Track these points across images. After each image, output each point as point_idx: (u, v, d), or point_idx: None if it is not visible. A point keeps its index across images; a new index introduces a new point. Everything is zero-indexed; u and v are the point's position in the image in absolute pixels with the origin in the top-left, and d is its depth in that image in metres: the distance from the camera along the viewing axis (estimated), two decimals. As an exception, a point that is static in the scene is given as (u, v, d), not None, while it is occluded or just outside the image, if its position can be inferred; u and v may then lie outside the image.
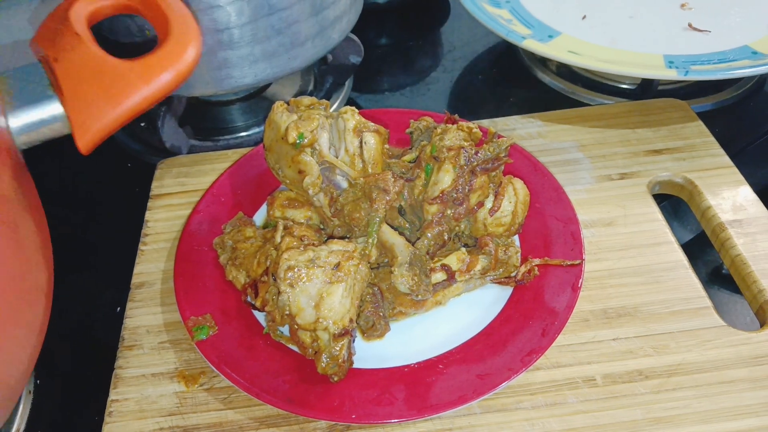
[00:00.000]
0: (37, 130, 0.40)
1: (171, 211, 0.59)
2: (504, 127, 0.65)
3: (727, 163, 0.59)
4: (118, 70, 0.38)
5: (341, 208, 0.49)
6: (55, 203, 0.66)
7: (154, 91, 0.39)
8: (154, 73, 0.38)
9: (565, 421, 0.43)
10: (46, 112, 0.39)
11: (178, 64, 0.39)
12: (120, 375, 0.47)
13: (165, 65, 0.39)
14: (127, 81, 0.38)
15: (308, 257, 0.44)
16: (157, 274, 0.54)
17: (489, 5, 0.74)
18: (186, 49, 0.39)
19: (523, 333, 0.46)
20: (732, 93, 0.71)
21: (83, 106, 0.38)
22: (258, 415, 0.45)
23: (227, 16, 0.56)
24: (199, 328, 0.47)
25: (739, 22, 0.71)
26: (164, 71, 0.39)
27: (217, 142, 0.70)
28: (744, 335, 0.47)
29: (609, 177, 0.59)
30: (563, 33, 0.70)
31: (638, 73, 0.63)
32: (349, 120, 0.48)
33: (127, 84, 0.38)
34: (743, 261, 0.51)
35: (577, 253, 0.51)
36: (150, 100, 0.39)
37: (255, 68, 0.61)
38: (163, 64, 0.39)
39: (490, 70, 0.80)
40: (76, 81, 0.38)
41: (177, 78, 0.39)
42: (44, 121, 0.40)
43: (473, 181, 0.48)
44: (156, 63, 0.39)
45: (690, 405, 0.43)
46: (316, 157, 0.48)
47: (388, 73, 0.82)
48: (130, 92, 0.38)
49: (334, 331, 0.42)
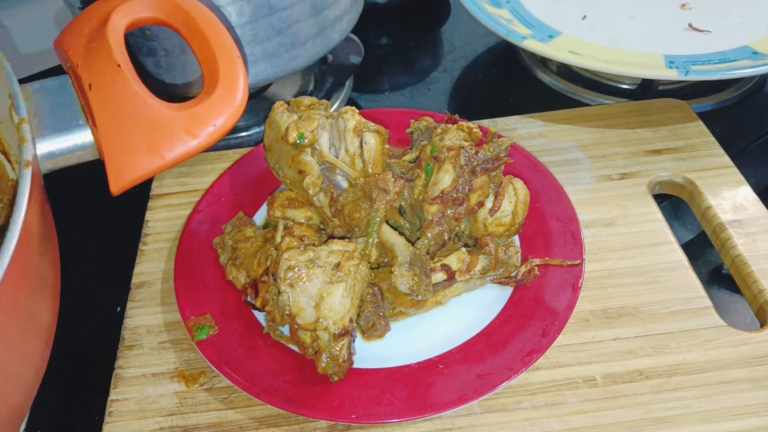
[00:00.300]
0: (64, 157, 0.38)
1: (171, 211, 0.59)
2: (504, 127, 0.65)
3: (728, 163, 0.59)
4: (163, 118, 0.36)
5: (341, 208, 0.49)
6: (54, 203, 0.66)
7: (199, 144, 0.36)
8: (202, 126, 0.36)
9: (565, 421, 0.43)
10: (77, 140, 0.37)
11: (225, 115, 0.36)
12: (120, 375, 0.47)
13: (213, 117, 0.36)
14: (172, 132, 0.36)
15: (308, 257, 0.44)
16: (158, 274, 0.54)
17: (489, 5, 0.74)
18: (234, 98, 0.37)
19: (523, 333, 0.46)
20: (732, 93, 0.71)
21: (121, 150, 0.36)
22: (258, 414, 0.45)
23: (228, 16, 0.56)
24: (199, 328, 0.47)
25: (739, 22, 0.71)
26: (211, 124, 0.36)
27: (217, 142, 0.70)
28: (744, 335, 0.47)
29: (609, 177, 0.59)
30: (563, 33, 0.70)
31: (638, 73, 0.63)
32: (350, 120, 0.48)
33: (172, 136, 0.36)
34: (743, 261, 0.51)
35: (578, 253, 0.51)
36: (193, 154, 0.36)
37: (255, 68, 0.61)
38: (210, 116, 0.36)
39: (491, 70, 0.80)
40: (114, 120, 0.35)
41: (223, 130, 0.37)
42: (72, 150, 0.37)
43: (473, 181, 0.48)
44: (204, 114, 0.36)
45: (690, 405, 0.43)
46: (316, 157, 0.48)
47: (389, 73, 0.82)
48: (174, 145, 0.36)
49: (334, 331, 0.42)
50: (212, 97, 0.37)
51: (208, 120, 0.36)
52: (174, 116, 0.36)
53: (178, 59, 0.58)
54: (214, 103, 0.36)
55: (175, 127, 0.36)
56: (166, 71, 0.60)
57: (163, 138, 0.36)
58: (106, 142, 0.36)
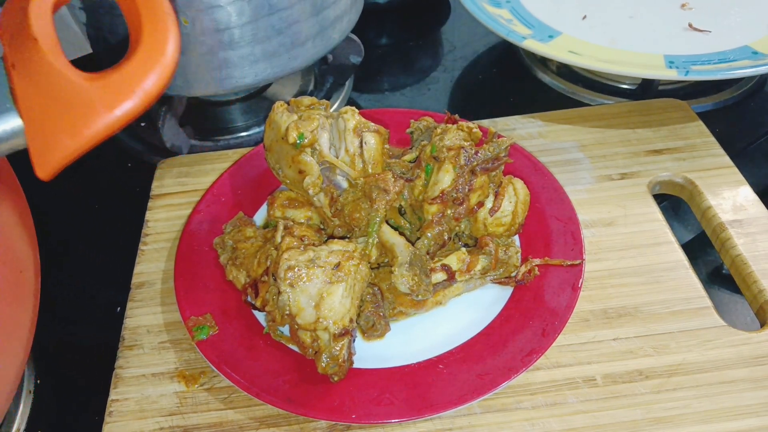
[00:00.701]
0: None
1: (171, 211, 0.59)
2: (504, 127, 0.65)
3: (728, 163, 0.59)
4: (79, 92, 0.32)
5: (341, 208, 0.49)
6: (55, 203, 0.66)
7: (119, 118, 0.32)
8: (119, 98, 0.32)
9: (565, 421, 0.43)
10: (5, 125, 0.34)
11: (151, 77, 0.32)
12: (120, 375, 0.47)
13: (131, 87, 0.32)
14: (88, 107, 0.32)
15: (308, 257, 0.44)
16: (158, 274, 0.54)
17: (489, 5, 0.74)
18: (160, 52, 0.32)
19: (524, 333, 0.46)
20: (732, 93, 0.71)
21: (40, 129, 0.33)
22: (258, 414, 0.45)
23: (228, 16, 0.56)
24: (199, 328, 0.47)
25: (739, 22, 0.71)
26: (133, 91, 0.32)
27: (217, 142, 0.70)
28: (744, 335, 0.47)
29: (609, 177, 0.59)
30: (563, 33, 0.70)
31: (638, 73, 0.63)
32: (350, 120, 0.48)
33: (87, 111, 0.32)
34: (743, 261, 0.51)
35: (578, 253, 0.51)
36: (117, 126, 0.33)
37: (255, 68, 0.61)
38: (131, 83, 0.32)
39: (491, 70, 0.80)
40: (33, 97, 0.33)
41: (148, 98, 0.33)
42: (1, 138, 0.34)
43: (473, 181, 0.48)
44: (121, 84, 0.32)
45: (690, 405, 0.43)
46: (316, 157, 0.48)
47: (389, 73, 0.82)
48: (91, 121, 0.32)
49: (335, 331, 0.42)
50: (132, 61, 0.32)
51: (129, 88, 0.32)
52: (90, 88, 0.32)
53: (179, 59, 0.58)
54: (135, 67, 0.32)
55: (91, 101, 0.32)
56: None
57: (79, 114, 0.32)
58: (28, 123, 0.33)
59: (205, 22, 0.56)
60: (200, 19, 0.56)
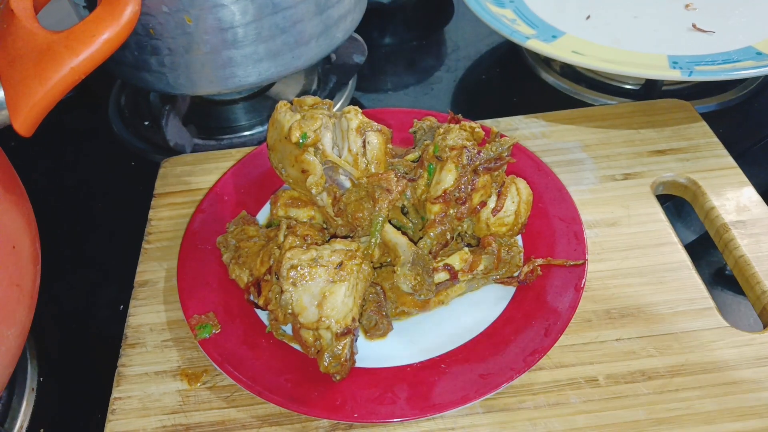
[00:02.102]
0: None
1: (174, 209, 0.59)
2: (507, 127, 0.65)
3: (731, 164, 0.59)
4: (45, 43, 0.36)
5: (344, 207, 0.49)
6: (58, 202, 0.66)
7: (83, 60, 0.36)
8: (84, 43, 0.36)
9: (568, 421, 0.43)
10: None
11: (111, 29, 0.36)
12: (123, 373, 0.48)
13: (96, 33, 0.36)
14: (55, 54, 0.36)
15: (311, 256, 0.44)
16: (161, 272, 0.54)
17: (493, 5, 0.74)
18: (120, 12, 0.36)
19: (526, 333, 0.46)
20: (736, 94, 0.71)
21: (16, 87, 0.36)
22: (260, 413, 0.45)
23: (231, 15, 0.56)
24: (202, 327, 0.47)
25: (743, 23, 0.70)
26: (95, 39, 0.36)
27: (220, 141, 0.70)
28: (747, 336, 0.47)
29: (613, 177, 0.59)
30: (567, 33, 0.70)
31: (642, 73, 0.63)
32: (353, 120, 0.48)
33: (54, 58, 0.36)
34: (747, 262, 0.51)
35: (580, 253, 0.51)
36: (82, 71, 0.36)
37: (259, 67, 0.61)
38: (93, 32, 0.36)
39: (494, 69, 0.80)
40: (11, 62, 0.36)
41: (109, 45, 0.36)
42: None
43: (476, 180, 0.48)
44: (86, 31, 0.36)
45: (693, 406, 0.43)
46: (319, 157, 0.48)
47: (392, 73, 0.82)
48: (58, 66, 0.36)
49: (337, 330, 0.42)
50: (94, 13, 0.36)
51: (91, 37, 0.36)
52: (56, 39, 0.36)
53: (182, 58, 0.58)
54: (96, 19, 0.36)
55: (57, 50, 0.36)
56: (170, 70, 0.60)
57: (47, 62, 0.36)
58: (5, 84, 0.36)
59: (209, 21, 0.56)
60: (204, 18, 0.56)
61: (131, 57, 0.60)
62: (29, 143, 0.41)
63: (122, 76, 0.64)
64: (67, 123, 0.75)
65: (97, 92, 0.79)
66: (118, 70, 0.63)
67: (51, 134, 0.73)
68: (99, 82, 0.76)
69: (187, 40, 0.57)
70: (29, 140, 0.40)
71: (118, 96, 0.78)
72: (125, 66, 0.61)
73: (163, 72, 0.60)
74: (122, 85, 0.79)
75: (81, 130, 0.76)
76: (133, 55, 0.60)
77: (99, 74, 0.49)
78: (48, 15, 0.81)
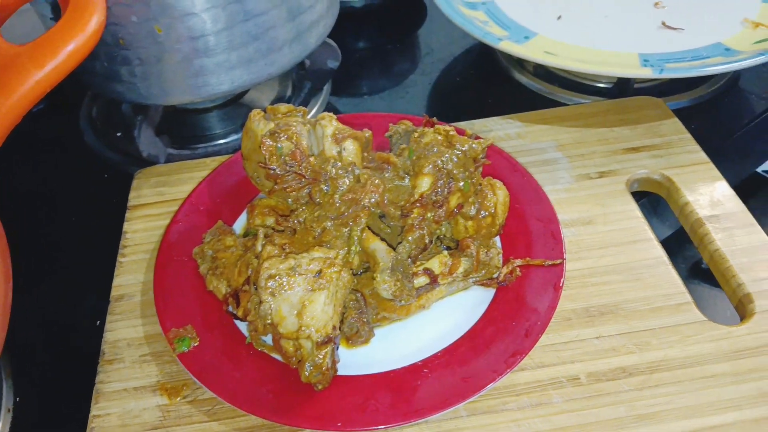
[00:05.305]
0: None
1: (149, 221, 0.58)
2: (482, 129, 0.65)
3: (704, 159, 0.60)
4: (8, 56, 0.35)
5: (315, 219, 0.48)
6: (31, 215, 0.65)
7: (49, 73, 0.36)
8: (49, 56, 0.35)
9: (551, 421, 0.43)
10: None
11: (76, 40, 0.36)
12: (101, 390, 0.47)
13: (60, 45, 0.36)
14: (20, 67, 0.35)
15: (289, 265, 0.43)
16: (137, 286, 0.53)
17: (465, 7, 0.74)
18: (85, 22, 0.36)
19: (507, 334, 0.46)
20: (707, 90, 0.72)
21: None
22: (243, 425, 0.44)
23: (202, 23, 0.56)
24: (180, 340, 0.47)
25: (711, 20, 0.71)
26: (60, 51, 0.35)
27: (195, 150, 0.69)
28: (725, 329, 0.47)
29: (588, 176, 0.59)
30: (539, 34, 0.71)
31: (614, 72, 0.64)
32: (327, 126, 0.48)
33: (19, 71, 0.35)
34: (722, 256, 0.52)
35: (558, 252, 0.51)
36: (47, 84, 0.36)
37: (232, 75, 0.60)
38: (58, 44, 0.36)
39: (468, 72, 0.81)
40: None
41: (75, 56, 0.36)
42: None
43: (452, 183, 0.48)
44: (50, 43, 0.36)
45: (673, 401, 0.44)
46: (294, 164, 0.47)
47: (367, 77, 0.82)
48: (23, 79, 0.35)
49: (317, 339, 0.42)
50: (58, 24, 0.36)
51: (55, 49, 0.36)
52: (21, 52, 0.36)
53: (154, 68, 0.58)
54: (61, 30, 0.36)
55: (22, 62, 0.35)
56: (141, 80, 0.59)
57: (12, 74, 0.35)
58: None
59: (180, 30, 0.56)
60: (174, 27, 0.55)
61: (101, 68, 0.59)
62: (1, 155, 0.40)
63: (93, 87, 0.63)
64: (39, 134, 0.74)
65: (68, 102, 0.78)
66: (89, 81, 0.62)
67: (21, 145, 0.71)
68: (70, 92, 0.75)
69: (158, 50, 0.57)
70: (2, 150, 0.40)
71: (90, 106, 0.77)
72: (96, 76, 0.60)
73: (135, 82, 0.59)
74: (94, 95, 0.78)
75: (52, 141, 0.74)
76: (103, 65, 0.59)
77: (70, 84, 0.48)
78: (15, 28, 0.80)
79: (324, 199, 0.48)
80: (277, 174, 0.47)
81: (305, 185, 0.48)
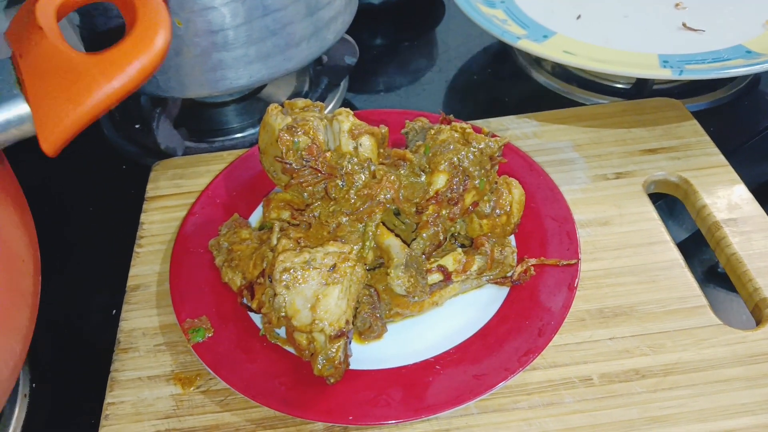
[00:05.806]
0: (6, 132, 0.38)
1: (166, 213, 0.59)
2: (499, 127, 0.65)
3: (722, 162, 0.59)
4: (79, 65, 0.36)
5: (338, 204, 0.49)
6: (49, 206, 0.66)
7: (117, 87, 0.36)
8: (118, 69, 0.36)
9: (562, 420, 0.43)
10: (12, 112, 0.37)
11: (144, 56, 0.36)
12: (116, 378, 0.47)
13: (129, 59, 0.36)
14: (90, 78, 0.36)
15: (304, 259, 0.43)
16: (153, 276, 0.54)
17: (484, 5, 0.74)
18: (153, 39, 0.36)
19: (520, 333, 0.46)
20: (726, 92, 0.72)
21: (45, 106, 0.36)
22: (255, 417, 0.44)
23: (222, 17, 0.56)
24: (195, 331, 0.47)
25: (733, 21, 0.71)
26: (128, 65, 0.36)
27: (212, 144, 0.70)
28: (740, 334, 0.47)
29: (604, 176, 0.59)
30: (558, 33, 0.70)
31: (633, 72, 0.63)
32: (344, 122, 0.48)
33: (89, 81, 0.36)
34: (738, 259, 0.51)
35: (573, 252, 0.51)
36: (115, 97, 0.36)
37: (250, 69, 0.60)
38: (127, 58, 0.36)
39: (485, 70, 0.81)
40: (39, 78, 0.36)
41: (143, 72, 0.36)
42: (11, 122, 0.37)
43: (467, 181, 0.48)
44: (120, 57, 0.36)
45: (686, 404, 0.43)
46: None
47: (384, 74, 0.82)
48: (92, 90, 0.36)
49: (330, 332, 0.42)
50: (127, 41, 0.36)
51: (125, 63, 0.36)
52: (91, 63, 0.36)
53: (173, 60, 0.58)
54: (130, 46, 0.36)
55: (92, 73, 0.36)
56: (160, 73, 0.59)
57: (81, 86, 0.36)
58: (34, 102, 0.36)
59: (199, 24, 0.56)
60: (194, 21, 0.56)
61: (121, 60, 0.60)
62: (17, 147, 0.40)
63: (112, 80, 0.64)
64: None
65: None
66: (108, 74, 0.63)
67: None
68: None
69: (177, 43, 0.57)
70: (18, 143, 0.40)
71: (109, 99, 0.77)
72: (115, 69, 0.61)
73: (154, 75, 0.60)
74: (113, 88, 0.78)
75: (71, 134, 0.75)
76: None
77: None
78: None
79: (339, 195, 0.48)
80: (294, 168, 0.47)
81: (321, 180, 0.48)
